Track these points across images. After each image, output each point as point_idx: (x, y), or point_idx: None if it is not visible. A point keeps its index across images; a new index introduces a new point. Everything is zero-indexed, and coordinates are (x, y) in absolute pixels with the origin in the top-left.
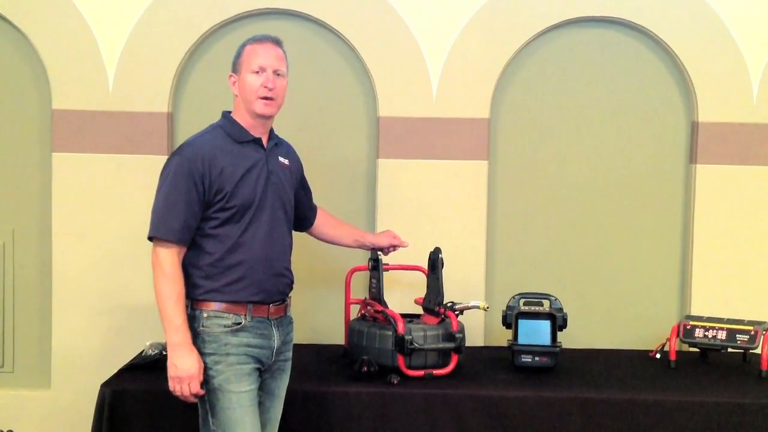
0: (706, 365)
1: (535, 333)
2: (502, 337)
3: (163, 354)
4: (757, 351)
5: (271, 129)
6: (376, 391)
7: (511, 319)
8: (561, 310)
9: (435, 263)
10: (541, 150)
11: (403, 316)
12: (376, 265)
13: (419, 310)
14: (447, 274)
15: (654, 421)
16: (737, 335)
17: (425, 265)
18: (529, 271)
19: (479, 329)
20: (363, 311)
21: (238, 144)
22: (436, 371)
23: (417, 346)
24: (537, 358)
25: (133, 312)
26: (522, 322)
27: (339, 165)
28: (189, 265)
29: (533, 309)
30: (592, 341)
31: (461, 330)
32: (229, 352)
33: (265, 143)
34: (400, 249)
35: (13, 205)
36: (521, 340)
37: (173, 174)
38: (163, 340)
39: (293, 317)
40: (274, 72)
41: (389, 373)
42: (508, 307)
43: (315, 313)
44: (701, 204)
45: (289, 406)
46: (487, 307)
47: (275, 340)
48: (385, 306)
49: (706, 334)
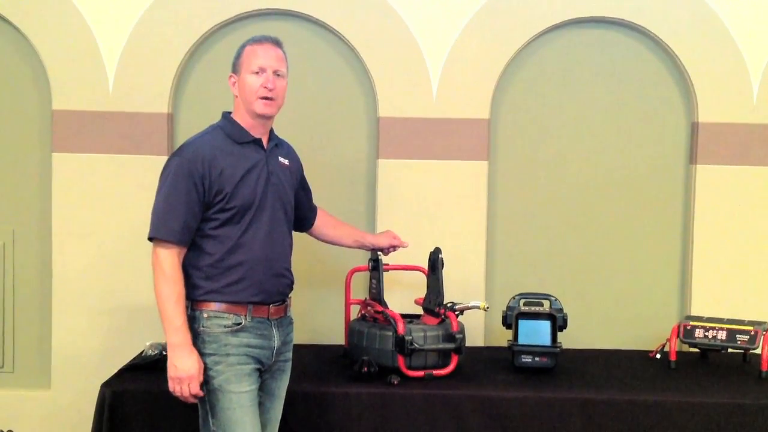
0: (706, 366)
1: (535, 333)
2: (502, 337)
3: (163, 354)
4: (757, 351)
5: (271, 129)
6: (376, 391)
7: (511, 319)
8: (561, 310)
9: (435, 263)
10: (541, 150)
11: (403, 316)
12: (376, 266)
13: (419, 310)
14: (447, 274)
15: (654, 421)
16: (737, 335)
17: (425, 265)
18: (529, 271)
19: (479, 329)
20: (363, 312)
21: (238, 145)
22: (436, 372)
23: (417, 346)
24: (537, 359)
25: (133, 312)
26: (522, 323)
27: (339, 165)
28: (189, 266)
29: (533, 309)
30: (592, 341)
31: (461, 330)
32: (230, 352)
33: (265, 144)
34: (400, 249)
35: (13, 205)
36: (521, 341)
37: (173, 175)
38: (163, 341)
39: (293, 318)
40: (274, 72)
41: (389, 374)
42: (508, 307)
43: (315, 314)
44: (701, 204)
45: (289, 406)
46: (487, 308)
47: (275, 341)
48: (385, 306)
49: (706, 334)
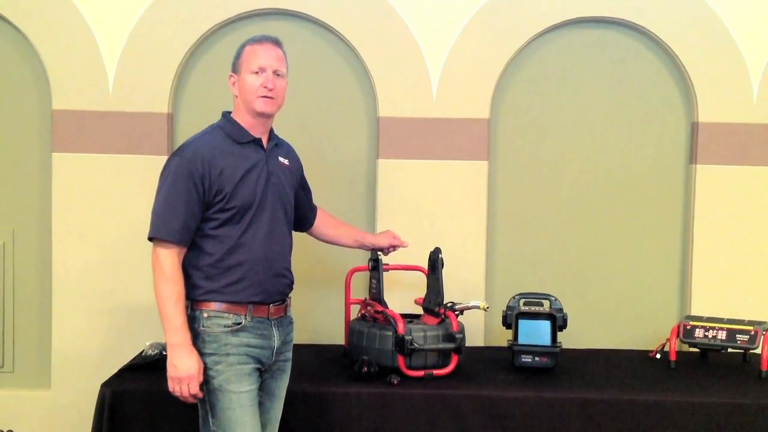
0: (706, 365)
1: (535, 333)
2: (502, 337)
3: (163, 354)
4: (757, 351)
5: (271, 129)
6: (376, 391)
7: (511, 319)
8: (561, 310)
9: (435, 263)
10: (541, 150)
11: (403, 316)
12: (376, 266)
13: (419, 310)
14: (447, 274)
15: (654, 421)
16: (737, 335)
17: (425, 265)
18: (529, 271)
19: (479, 329)
20: (363, 311)
21: (238, 145)
22: (436, 371)
23: (417, 346)
24: (537, 359)
25: (133, 312)
26: (522, 323)
27: (339, 165)
28: (189, 266)
29: (533, 309)
30: (592, 341)
31: (461, 330)
32: (230, 352)
33: (265, 144)
34: (400, 249)
35: (13, 205)
36: (521, 341)
37: (173, 175)
38: (163, 341)
39: (293, 317)
40: (274, 72)
41: (389, 374)
42: (508, 307)
43: (315, 314)
44: (701, 204)
45: (289, 406)
46: (487, 308)
47: (275, 341)
48: (385, 306)
49: (706, 334)
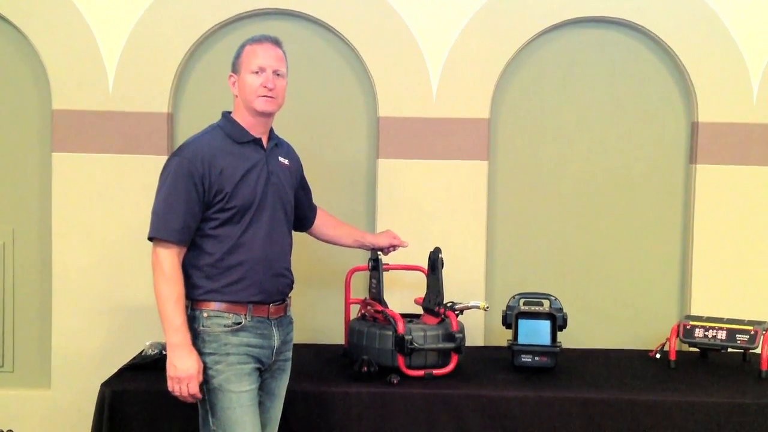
0: (706, 365)
1: (535, 333)
2: (502, 337)
3: (163, 354)
4: (757, 351)
5: (271, 129)
6: (376, 391)
7: (511, 319)
8: (561, 310)
9: (435, 263)
10: (541, 150)
11: (403, 316)
12: (376, 265)
13: (419, 310)
14: (447, 274)
15: (654, 421)
16: (737, 335)
17: (425, 265)
18: (529, 271)
19: (479, 329)
20: (363, 311)
21: (238, 144)
22: (436, 371)
23: (417, 346)
24: (537, 358)
25: (133, 312)
26: (522, 322)
27: (339, 165)
28: (189, 266)
29: (533, 309)
30: (592, 341)
31: (461, 330)
32: (229, 351)
33: (265, 143)
34: (400, 249)
35: (13, 205)
36: (521, 340)
37: (173, 175)
38: (162, 340)
39: (293, 317)
40: (274, 72)
41: (389, 373)
42: (508, 307)
43: (315, 313)
44: (701, 204)
45: (289, 406)
46: (487, 307)
47: (275, 340)
48: (385, 306)
49: (706, 334)
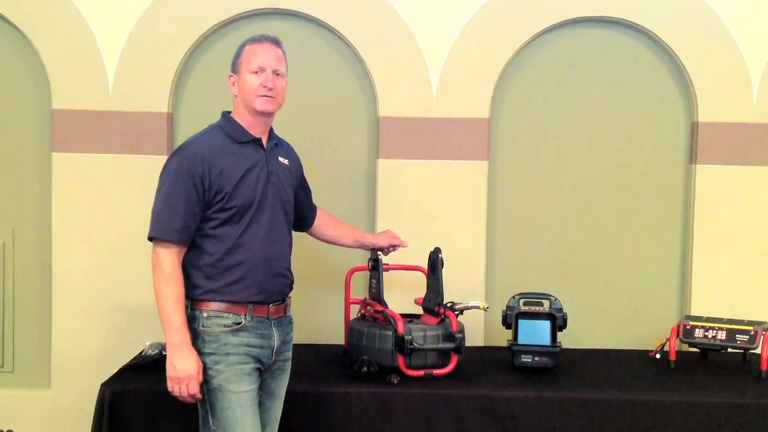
0: (706, 365)
1: (535, 333)
2: (502, 337)
3: (163, 354)
4: (757, 351)
5: (271, 129)
6: (376, 391)
7: (511, 319)
8: (561, 310)
9: (435, 263)
10: (541, 150)
11: (403, 316)
12: (376, 265)
13: (419, 310)
14: (447, 274)
15: (654, 421)
16: (737, 335)
17: (425, 265)
18: (529, 271)
19: (479, 329)
20: (363, 311)
21: (238, 144)
22: (436, 371)
23: (417, 346)
24: (537, 358)
25: (133, 312)
26: (522, 322)
27: (339, 165)
28: (189, 266)
29: (533, 309)
30: (592, 341)
31: (461, 330)
32: (229, 351)
33: (265, 143)
34: (400, 249)
35: (13, 205)
36: (521, 340)
37: (173, 174)
38: (162, 340)
39: (293, 317)
40: (274, 72)
41: (389, 373)
42: (508, 307)
43: (315, 313)
44: (701, 204)
45: (289, 406)
46: (487, 307)
47: (275, 340)
48: (385, 306)
49: (706, 334)
